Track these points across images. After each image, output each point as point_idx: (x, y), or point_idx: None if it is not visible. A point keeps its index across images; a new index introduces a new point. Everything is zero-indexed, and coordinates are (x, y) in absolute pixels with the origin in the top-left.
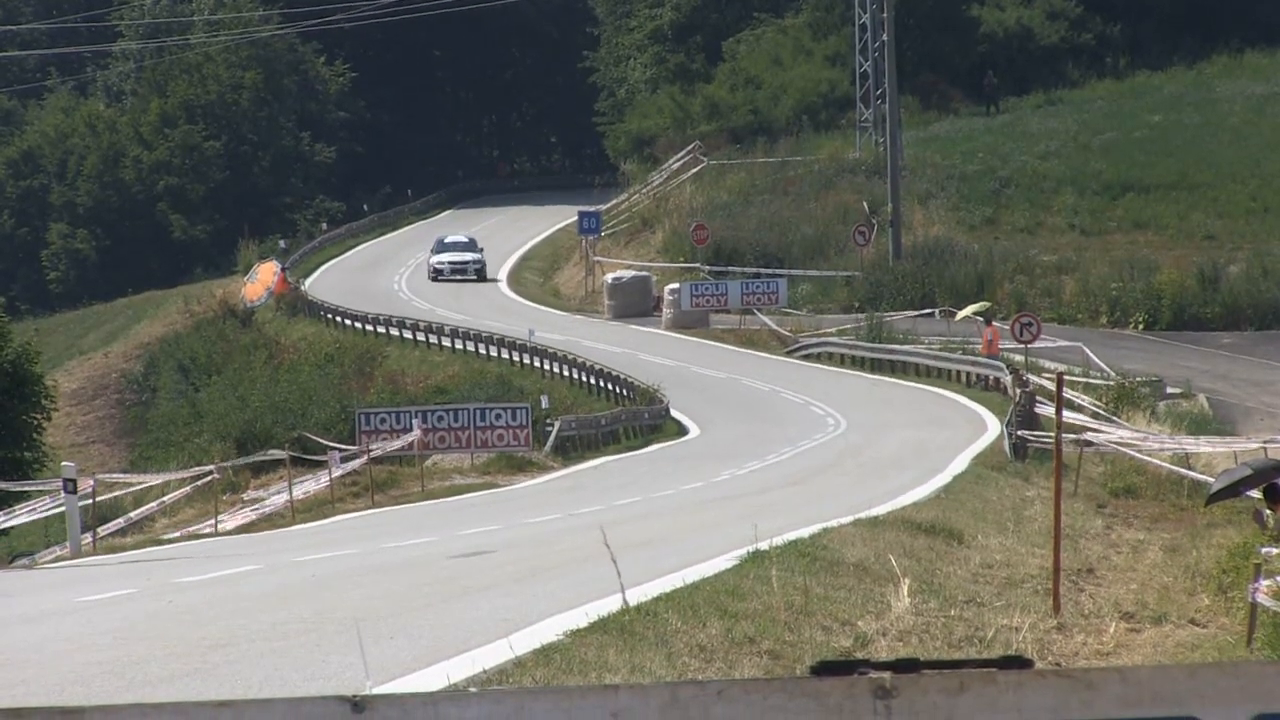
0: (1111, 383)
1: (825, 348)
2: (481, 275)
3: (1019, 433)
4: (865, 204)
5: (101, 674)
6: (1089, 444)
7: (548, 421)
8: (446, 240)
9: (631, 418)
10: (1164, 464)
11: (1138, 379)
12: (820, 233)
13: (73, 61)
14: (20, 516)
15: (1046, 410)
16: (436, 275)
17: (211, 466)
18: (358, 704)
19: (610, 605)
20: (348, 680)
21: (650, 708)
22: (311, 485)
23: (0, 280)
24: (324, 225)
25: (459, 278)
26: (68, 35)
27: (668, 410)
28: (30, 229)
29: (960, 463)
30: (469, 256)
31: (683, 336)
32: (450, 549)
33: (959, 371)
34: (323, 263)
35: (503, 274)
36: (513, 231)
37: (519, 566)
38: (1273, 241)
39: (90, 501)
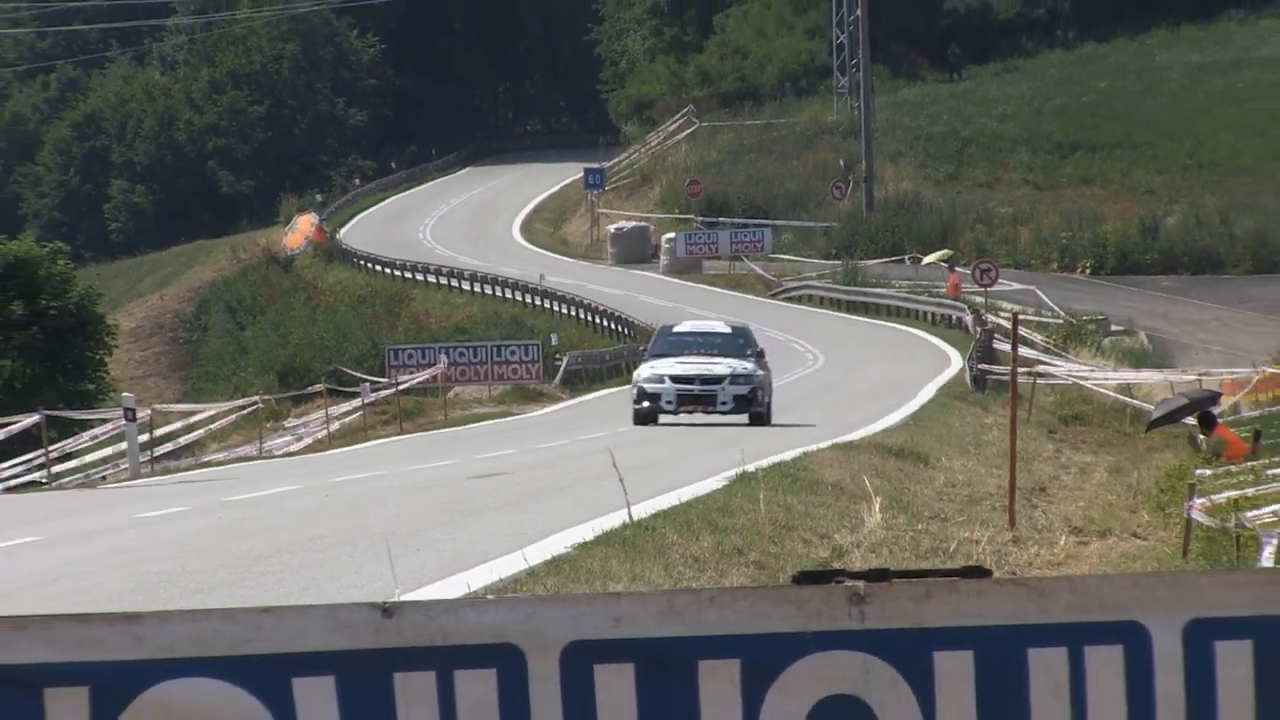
0: (1061, 321)
1: (806, 290)
2: (758, 415)
3: (979, 366)
4: (842, 161)
5: (158, 583)
6: (1042, 376)
7: (557, 357)
8: (678, 330)
9: (632, 353)
10: (1109, 394)
11: (1085, 318)
12: (801, 187)
13: (131, 34)
14: (86, 442)
15: (1003, 346)
16: (650, 409)
17: (256, 397)
18: (388, 610)
19: (613, 521)
20: (379, 588)
21: (649, 613)
22: (346, 414)
23: (66, 231)
24: (356, 181)
25: (702, 413)
26: (127, 10)
27: None
28: (93, 185)
29: (927, 393)
30: (724, 368)
31: (678, 280)
32: (470, 471)
33: (925, 312)
34: (355, 214)
35: (516, 224)
36: (525, 186)
37: (532, 486)
38: (1206, 195)
39: (149, 433)
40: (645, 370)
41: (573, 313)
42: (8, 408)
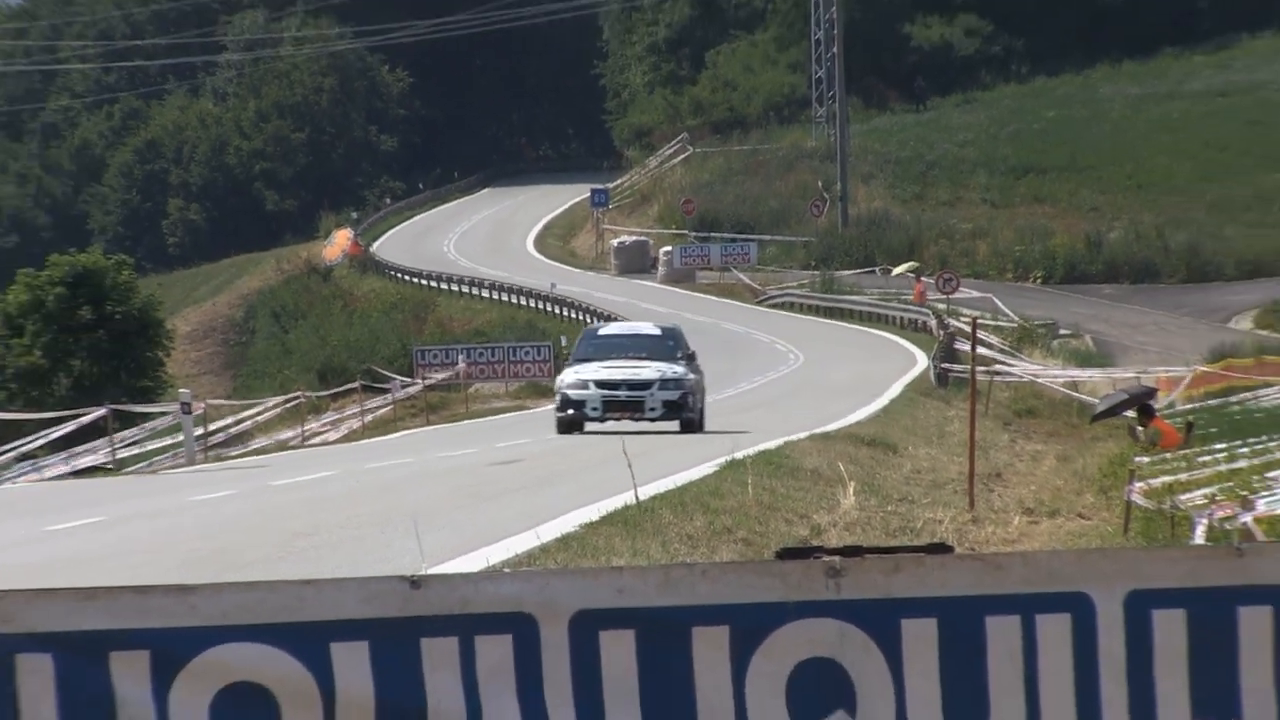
0: (1016, 325)
1: (787, 298)
2: (689, 421)
3: (942, 365)
4: (819, 183)
5: (210, 558)
6: (998, 374)
7: (566, 357)
8: (604, 333)
9: None
10: (1058, 390)
11: (1037, 322)
12: (783, 206)
13: (187, 69)
14: (146, 433)
15: (964, 347)
16: (574, 417)
17: (299, 393)
18: (415, 582)
19: (616, 503)
20: (407, 563)
21: (649, 585)
22: (378, 408)
23: (129, 245)
24: (388, 200)
25: (630, 420)
26: (183, 48)
27: None
28: (153, 203)
29: (895, 389)
30: (652, 373)
31: (674, 289)
32: (489, 458)
33: (894, 317)
34: (387, 230)
35: (530, 239)
36: (538, 205)
37: (544, 472)
38: (1145, 212)
39: (203, 427)
40: (569, 375)
41: (580, 317)
42: (77, 402)
